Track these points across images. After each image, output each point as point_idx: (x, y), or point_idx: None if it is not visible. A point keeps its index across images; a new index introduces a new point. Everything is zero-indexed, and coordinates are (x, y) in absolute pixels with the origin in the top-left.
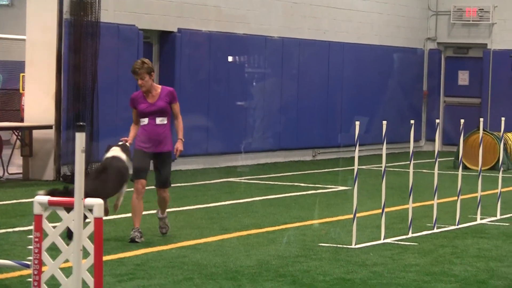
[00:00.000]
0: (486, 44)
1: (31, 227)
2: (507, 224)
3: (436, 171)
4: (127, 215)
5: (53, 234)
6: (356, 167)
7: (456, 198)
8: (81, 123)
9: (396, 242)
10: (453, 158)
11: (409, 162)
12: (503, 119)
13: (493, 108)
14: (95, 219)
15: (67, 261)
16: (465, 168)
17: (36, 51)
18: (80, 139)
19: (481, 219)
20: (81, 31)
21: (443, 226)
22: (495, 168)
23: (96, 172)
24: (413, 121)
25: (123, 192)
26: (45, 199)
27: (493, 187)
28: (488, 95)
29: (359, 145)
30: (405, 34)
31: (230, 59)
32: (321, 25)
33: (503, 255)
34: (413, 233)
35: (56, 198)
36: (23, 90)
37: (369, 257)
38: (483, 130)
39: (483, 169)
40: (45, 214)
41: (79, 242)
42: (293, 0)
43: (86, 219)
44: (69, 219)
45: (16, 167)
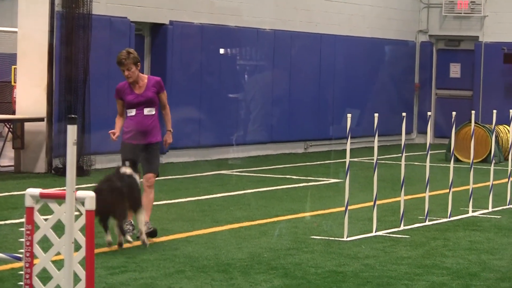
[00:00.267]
0: (477, 36)
1: (23, 220)
2: (499, 216)
3: (428, 164)
4: None
5: (45, 226)
6: (348, 160)
7: (448, 190)
8: (73, 116)
9: (388, 234)
10: (445, 150)
11: (401, 154)
12: (494, 111)
13: (485, 100)
14: (87, 211)
15: (58, 254)
16: (457, 160)
17: (28, 44)
18: (71, 131)
19: (473, 211)
20: (73, 24)
21: (435, 218)
22: (486, 160)
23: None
24: (404, 114)
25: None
26: (36, 191)
27: (485, 180)
28: (479, 88)
29: (351, 138)
30: (397, 26)
31: (222, 51)
32: (313, 17)
33: (495, 248)
34: (405, 226)
35: (47, 190)
36: (14, 82)
37: (361, 250)
38: (475, 122)
39: (474, 161)
40: (37, 206)
41: (70, 235)
42: None
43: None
44: (61, 212)
45: (7, 159)
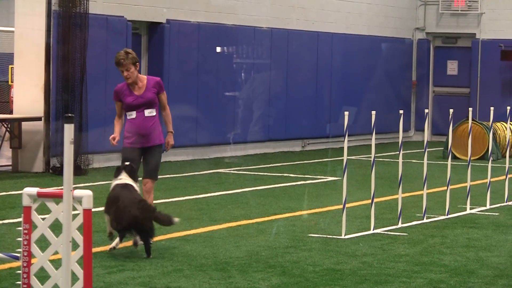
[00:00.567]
0: (474, 33)
1: (20, 219)
2: (496, 213)
3: (425, 161)
4: None
5: (42, 226)
6: (345, 158)
7: (445, 188)
8: (70, 115)
9: (385, 232)
10: (443, 148)
11: (398, 152)
12: (492, 108)
13: (482, 97)
14: (84, 210)
15: (56, 253)
16: (455, 158)
17: (25, 43)
18: (68, 130)
19: (471, 209)
20: (69, 23)
21: (432, 216)
22: (484, 157)
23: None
24: (402, 111)
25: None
26: (34, 190)
27: (482, 177)
28: (477, 85)
29: (348, 135)
30: (394, 24)
31: (218, 49)
32: (309, 15)
33: (493, 245)
34: (402, 223)
35: (45, 189)
36: (12, 82)
37: (358, 248)
38: (472, 119)
39: (472, 159)
40: (34, 206)
41: (68, 233)
42: None
43: None
44: (58, 211)
45: (5, 159)
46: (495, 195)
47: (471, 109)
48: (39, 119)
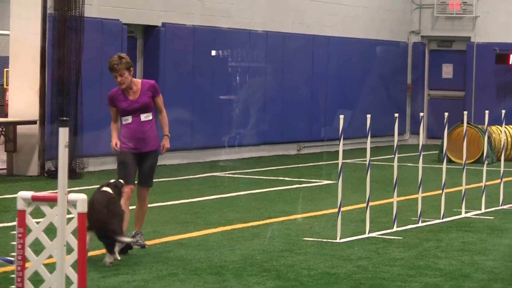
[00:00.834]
0: (469, 37)
1: (15, 223)
2: (491, 217)
3: (420, 165)
4: None
5: (37, 229)
6: (340, 161)
7: (440, 191)
8: (65, 118)
9: (380, 236)
10: (438, 151)
11: (393, 155)
12: (487, 112)
13: (477, 101)
14: (79, 214)
15: (50, 257)
16: (450, 161)
17: (20, 46)
18: (63, 134)
19: (466, 212)
20: (65, 26)
21: (427, 219)
22: (479, 161)
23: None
24: (397, 115)
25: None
26: (28, 194)
27: (477, 181)
28: (472, 88)
29: (343, 139)
30: (389, 27)
31: (214, 53)
32: (305, 18)
33: (488, 249)
34: (397, 227)
35: (39, 193)
36: (7, 85)
37: (353, 251)
38: (467, 123)
39: (467, 162)
40: (29, 209)
41: (62, 237)
42: None
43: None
44: (53, 215)
45: (0, 162)
46: (490, 198)
47: (466, 113)
48: (34, 122)
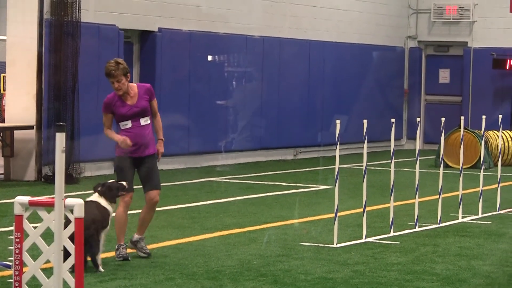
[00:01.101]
0: (466, 42)
1: (12, 228)
2: (488, 222)
3: (417, 170)
4: None
5: (34, 234)
6: (337, 166)
7: (437, 196)
8: (61, 123)
9: (377, 241)
10: (434, 156)
11: (390, 160)
12: (484, 117)
13: (474, 106)
14: (76, 219)
15: (48, 261)
16: (447, 166)
17: (16, 51)
18: (60, 139)
19: (463, 217)
20: (61, 31)
21: (424, 224)
22: (476, 166)
23: None
24: (394, 120)
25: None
26: (25, 199)
27: (474, 186)
28: (469, 93)
29: (340, 144)
30: (386, 32)
31: (210, 58)
32: (301, 23)
33: (485, 254)
34: (394, 232)
35: (36, 198)
36: (4, 90)
37: (350, 256)
38: (464, 128)
39: (464, 167)
40: (26, 214)
41: (59, 242)
42: None
43: None
44: (50, 220)
45: None
46: (487, 203)
47: (463, 118)
48: (31, 127)
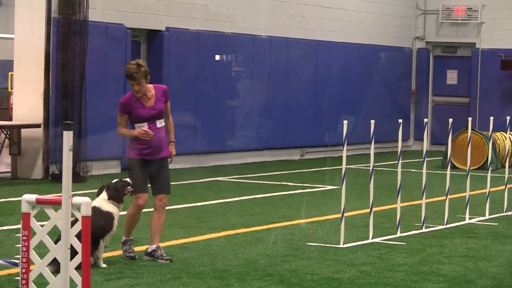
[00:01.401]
0: (474, 43)
1: (19, 226)
2: (495, 224)
3: (424, 171)
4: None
5: (41, 232)
6: (344, 167)
7: (444, 197)
8: (69, 122)
9: (384, 241)
10: (442, 157)
11: (397, 161)
12: (491, 118)
13: (482, 107)
14: (83, 217)
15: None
16: (454, 167)
17: (24, 50)
18: (67, 137)
19: (470, 218)
20: (69, 30)
21: (431, 225)
22: (483, 167)
23: None
24: (401, 121)
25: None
26: (33, 197)
27: (481, 187)
28: (476, 95)
29: (347, 144)
30: (394, 33)
31: (217, 57)
32: (309, 24)
33: (492, 255)
34: (401, 233)
35: (43, 196)
36: (11, 88)
37: (357, 257)
38: (472, 129)
39: (471, 168)
40: (33, 212)
41: (66, 240)
42: None
43: None
44: (57, 218)
45: (4, 165)
46: (494, 205)
47: (470, 119)
48: (38, 126)
